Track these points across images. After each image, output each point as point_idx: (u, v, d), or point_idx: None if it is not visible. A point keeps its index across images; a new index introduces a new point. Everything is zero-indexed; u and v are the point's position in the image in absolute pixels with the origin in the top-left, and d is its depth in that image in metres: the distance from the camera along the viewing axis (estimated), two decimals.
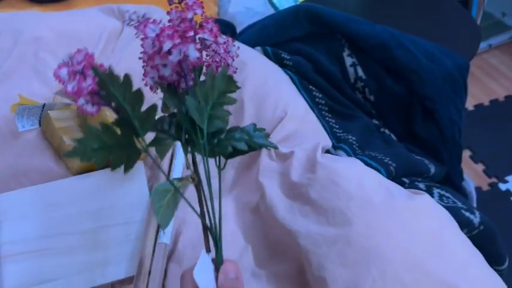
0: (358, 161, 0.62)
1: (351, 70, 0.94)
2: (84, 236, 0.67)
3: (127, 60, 0.85)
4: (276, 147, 0.64)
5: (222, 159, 0.51)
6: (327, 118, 0.88)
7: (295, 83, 0.86)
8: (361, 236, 0.52)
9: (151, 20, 0.46)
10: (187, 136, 0.49)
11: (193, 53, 0.46)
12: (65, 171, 0.73)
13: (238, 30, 1.09)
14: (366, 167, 0.61)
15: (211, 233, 0.48)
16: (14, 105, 0.73)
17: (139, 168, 0.73)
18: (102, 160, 0.47)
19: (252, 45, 0.95)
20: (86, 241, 0.67)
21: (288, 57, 0.94)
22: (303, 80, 0.91)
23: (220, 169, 0.50)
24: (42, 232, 0.67)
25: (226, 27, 1.05)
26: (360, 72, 0.94)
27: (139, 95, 0.46)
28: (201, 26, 0.49)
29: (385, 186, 0.57)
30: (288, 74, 0.87)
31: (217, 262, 0.47)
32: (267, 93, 0.74)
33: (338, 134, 0.85)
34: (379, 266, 0.50)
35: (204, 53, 0.50)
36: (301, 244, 0.55)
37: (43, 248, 0.66)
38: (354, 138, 0.83)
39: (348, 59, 0.95)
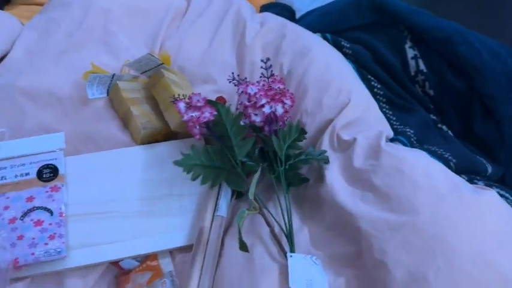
0: (424, 152, 0.62)
1: (412, 63, 0.93)
2: (146, 203, 0.70)
3: (191, 38, 0.87)
4: (327, 162, 0.66)
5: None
6: (384, 109, 0.88)
7: None
8: (427, 225, 0.52)
9: (256, 81, 0.72)
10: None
11: (280, 109, 0.69)
12: (129, 140, 0.75)
13: (297, 15, 1.09)
14: (431, 158, 0.61)
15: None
16: (86, 72, 0.76)
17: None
18: (197, 174, 0.66)
19: (312, 32, 0.95)
20: (148, 208, 0.69)
21: (348, 45, 0.94)
22: (362, 69, 0.90)
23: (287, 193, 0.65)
24: (106, 196, 0.70)
25: (286, 11, 1.05)
26: (422, 66, 0.92)
27: (242, 128, 0.67)
28: (283, 93, 0.71)
29: (452, 179, 0.57)
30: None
31: None
32: (330, 78, 0.74)
33: (395, 126, 0.84)
34: (445, 256, 0.50)
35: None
36: (362, 228, 0.55)
37: (106, 211, 0.69)
38: (411, 131, 0.83)
39: (409, 51, 0.94)
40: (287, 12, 1.05)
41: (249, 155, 0.67)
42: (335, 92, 0.72)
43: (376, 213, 0.55)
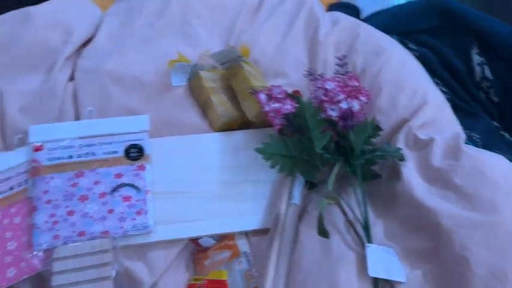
0: (501, 156, 0.64)
1: (477, 69, 0.94)
2: (223, 186, 0.74)
3: (265, 34, 0.90)
4: (403, 159, 0.69)
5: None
6: None
7: None
8: (508, 224, 0.54)
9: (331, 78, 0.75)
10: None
11: (356, 106, 0.72)
12: (207, 127, 0.79)
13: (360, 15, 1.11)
14: (509, 161, 0.63)
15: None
16: (172, 61, 0.80)
17: None
18: (276, 162, 0.70)
19: None
20: (225, 191, 0.73)
21: (415, 47, 0.96)
22: (428, 73, 0.92)
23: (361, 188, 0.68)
24: (187, 177, 0.74)
25: (353, 11, 1.07)
26: (487, 72, 0.94)
27: (321, 122, 0.70)
28: (359, 90, 0.75)
29: None
30: None
31: None
32: (405, 79, 0.76)
33: None
34: None
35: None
36: (443, 223, 0.58)
37: (187, 191, 0.73)
38: (477, 136, 0.84)
39: (475, 57, 0.95)
40: (354, 12, 1.07)
41: (326, 148, 0.71)
42: (410, 92, 0.74)
43: (457, 211, 0.58)
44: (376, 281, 0.59)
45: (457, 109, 0.90)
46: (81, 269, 0.63)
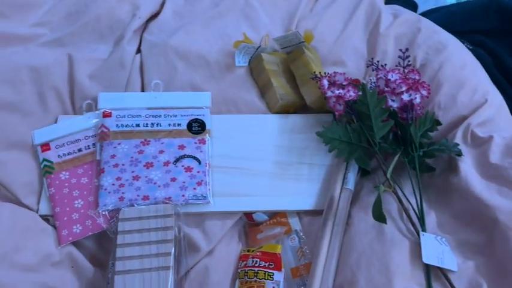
0: None
1: None
2: (278, 166, 0.77)
3: (325, 22, 0.92)
4: (461, 155, 0.70)
5: None
6: None
7: None
8: None
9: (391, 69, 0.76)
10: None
11: (418, 98, 0.73)
12: (265, 108, 0.82)
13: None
14: None
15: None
16: (238, 42, 0.83)
17: None
18: (334, 147, 0.73)
19: None
20: (280, 171, 0.76)
21: (471, 47, 0.96)
22: None
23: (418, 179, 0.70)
24: (244, 154, 0.77)
25: (411, 6, 1.08)
26: None
27: (383, 111, 0.72)
28: (420, 83, 0.75)
29: None
30: None
31: None
32: (466, 76, 0.77)
33: None
34: None
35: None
36: (500, 219, 0.60)
37: (244, 167, 0.76)
38: None
39: None
40: (411, 8, 1.08)
41: (384, 138, 0.72)
42: (471, 90, 0.75)
43: None
44: (428, 268, 0.61)
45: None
46: (145, 230, 0.67)
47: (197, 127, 0.77)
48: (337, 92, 0.73)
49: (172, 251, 0.66)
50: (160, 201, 0.70)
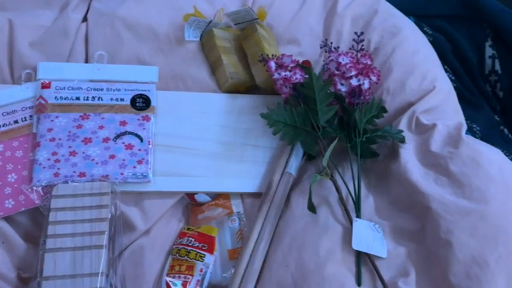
0: (498, 149, 0.65)
1: (488, 61, 0.95)
2: (223, 147, 0.75)
3: None
4: (403, 142, 0.70)
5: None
6: None
7: None
8: (494, 215, 0.56)
9: (344, 52, 0.74)
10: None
11: (367, 84, 0.72)
12: (214, 86, 0.80)
13: None
14: (505, 156, 0.64)
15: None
16: (187, 15, 0.79)
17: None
18: (279, 130, 0.71)
19: None
20: (225, 152, 0.75)
21: (430, 32, 0.96)
22: (439, 59, 0.92)
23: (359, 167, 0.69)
24: (189, 133, 0.75)
25: None
26: (497, 66, 0.94)
27: (329, 96, 0.71)
28: (371, 69, 0.74)
29: None
30: None
31: None
32: (417, 63, 0.76)
33: None
34: (507, 245, 0.54)
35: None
36: (433, 207, 0.60)
37: (188, 147, 0.74)
38: (478, 128, 0.86)
39: (488, 50, 0.95)
40: None
41: (329, 122, 0.72)
42: (420, 76, 0.74)
43: (448, 196, 0.60)
44: (358, 254, 0.61)
45: (461, 99, 0.91)
46: (78, 208, 0.65)
47: (141, 103, 0.75)
48: (283, 74, 0.71)
49: (107, 229, 0.64)
50: (97, 178, 0.68)
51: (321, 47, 0.76)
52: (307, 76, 0.71)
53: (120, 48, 0.79)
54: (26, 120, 0.72)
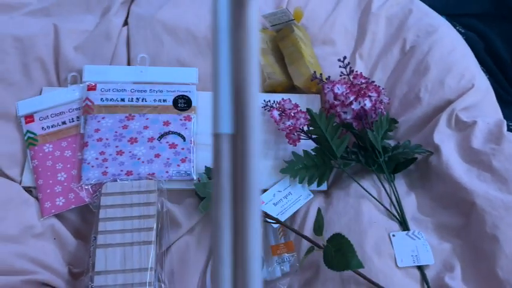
0: None
1: None
2: (262, 145, 0.77)
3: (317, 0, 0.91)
4: (430, 153, 0.70)
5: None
6: None
7: None
8: None
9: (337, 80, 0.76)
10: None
11: (368, 103, 0.73)
12: None
13: None
14: None
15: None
16: None
17: None
18: (303, 177, 0.71)
19: None
20: (263, 149, 0.76)
21: (463, 31, 0.96)
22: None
23: (392, 181, 0.69)
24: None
25: None
26: None
27: (336, 127, 0.71)
28: (367, 87, 0.74)
29: None
30: None
31: None
32: (454, 61, 0.77)
33: None
34: None
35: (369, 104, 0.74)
36: (477, 203, 0.60)
37: None
38: None
39: None
40: None
41: (346, 151, 0.72)
42: (458, 75, 0.75)
43: (492, 192, 0.61)
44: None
45: (496, 97, 0.92)
46: (127, 205, 0.68)
47: (183, 104, 0.77)
48: (288, 123, 0.72)
49: (154, 226, 0.66)
50: (143, 176, 0.70)
51: (311, 80, 0.77)
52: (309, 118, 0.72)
53: (161, 51, 0.81)
54: (73, 121, 0.75)
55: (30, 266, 0.63)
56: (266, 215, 0.67)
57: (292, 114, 0.72)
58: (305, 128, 0.73)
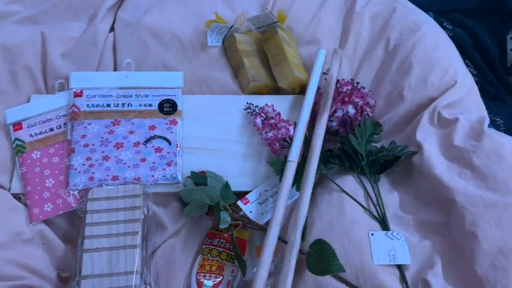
0: None
1: (510, 54, 0.94)
2: (249, 148, 0.77)
3: (302, 0, 0.91)
4: (412, 155, 0.70)
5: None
6: None
7: None
8: None
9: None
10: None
11: (351, 110, 0.75)
12: (237, 89, 0.82)
13: None
14: None
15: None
16: (210, 21, 0.82)
17: None
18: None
19: None
20: (250, 152, 0.77)
21: (450, 27, 0.96)
22: (460, 54, 0.93)
23: (375, 183, 0.69)
24: (215, 135, 0.78)
25: None
26: None
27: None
28: (352, 93, 0.76)
29: None
30: None
31: None
32: (438, 58, 0.77)
33: None
34: None
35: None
36: (457, 200, 0.61)
37: (214, 149, 0.77)
38: (501, 121, 0.86)
39: (510, 43, 0.95)
40: None
41: (331, 155, 0.74)
42: (441, 72, 0.75)
43: (472, 189, 0.61)
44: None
45: (484, 92, 0.91)
46: (113, 210, 0.68)
47: (168, 108, 0.78)
48: (270, 135, 0.73)
49: (140, 230, 0.67)
50: (130, 181, 0.71)
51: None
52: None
53: (147, 56, 0.82)
54: (60, 127, 0.76)
55: (19, 271, 0.64)
56: (250, 222, 0.68)
57: (274, 124, 0.73)
58: (291, 131, 0.73)
